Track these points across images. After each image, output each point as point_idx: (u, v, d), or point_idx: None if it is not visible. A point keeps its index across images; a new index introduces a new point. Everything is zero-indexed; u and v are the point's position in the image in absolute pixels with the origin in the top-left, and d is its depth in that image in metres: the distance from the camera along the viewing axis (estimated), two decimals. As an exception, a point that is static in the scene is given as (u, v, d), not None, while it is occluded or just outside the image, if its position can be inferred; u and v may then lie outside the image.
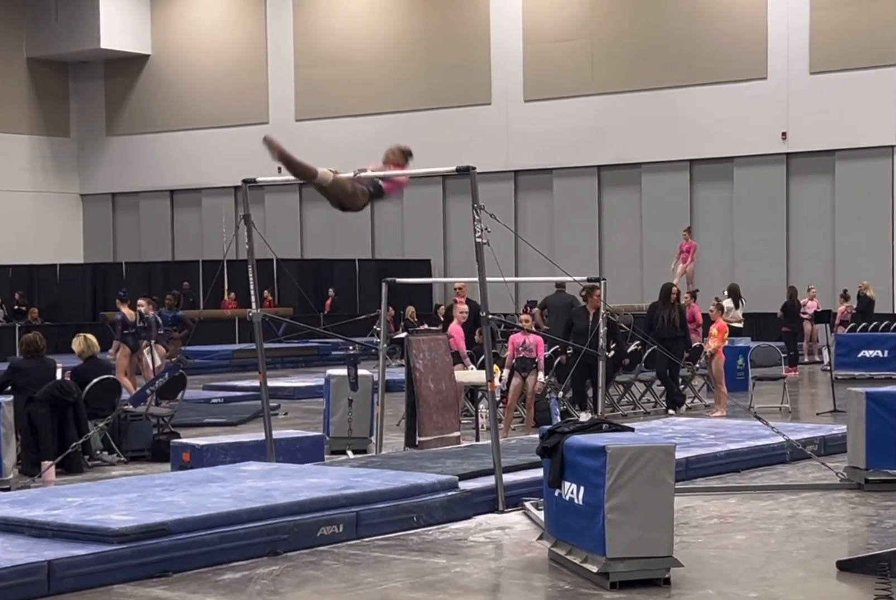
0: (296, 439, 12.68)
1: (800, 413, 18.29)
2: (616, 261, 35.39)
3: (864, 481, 11.22)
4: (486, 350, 10.89)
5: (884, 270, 31.47)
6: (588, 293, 16.48)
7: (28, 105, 44.28)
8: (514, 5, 36.79)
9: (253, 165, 37.68)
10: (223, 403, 19.65)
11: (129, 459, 13.75)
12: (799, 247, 33.32)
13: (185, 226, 43.57)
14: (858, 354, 23.49)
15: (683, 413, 17.89)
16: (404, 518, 9.64)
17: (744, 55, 33.29)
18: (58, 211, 45.10)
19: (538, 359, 15.08)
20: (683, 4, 34.27)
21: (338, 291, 36.50)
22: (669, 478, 7.92)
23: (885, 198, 31.90)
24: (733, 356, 20.61)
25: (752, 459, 12.68)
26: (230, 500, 9.14)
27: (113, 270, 37.11)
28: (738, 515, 10.24)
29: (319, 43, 39.35)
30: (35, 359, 13.28)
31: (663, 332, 18.00)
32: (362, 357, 17.64)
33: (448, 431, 13.57)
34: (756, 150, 33.34)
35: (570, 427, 8.63)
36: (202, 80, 42.68)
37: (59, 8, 42.95)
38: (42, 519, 8.54)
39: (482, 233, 10.32)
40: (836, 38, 32.14)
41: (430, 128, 37.81)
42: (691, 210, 34.63)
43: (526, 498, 10.37)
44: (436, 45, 38.18)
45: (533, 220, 36.47)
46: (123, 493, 9.54)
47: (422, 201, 38.29)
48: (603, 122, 35.29)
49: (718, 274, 32.51)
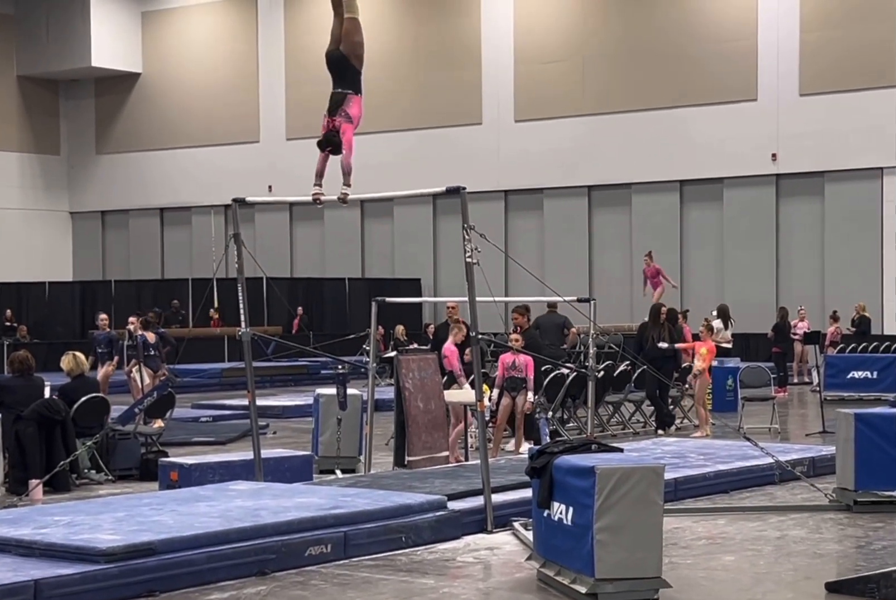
0: (284, 458, 12.64)
1: (789, 434, 18.28)
2: (606, 281, 35.41)
3: (853, 502, 11.21)
4: (475, 369, 10.88)
5: (873, 291, 31.52)
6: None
7: (18, 123, 44.28)
8: (505, 26, 36.91)
9: (243, 184, 37.97)
10: (212, 422, 19.62)
11: (117, 478, 13.70)
12: (788, 268, 33.38)
13: (174, 244, 43.54)
14: (848, 375, 23.51)
15: (673, 433, 17.89)
16: (393, 538, 9.62)
17: (734, 76, 33.41)
18: (47, 228, 45.06)
19: (528, 378, 15.07)
20: (674, 26, 34.39)
21: (322, 310, 36.49)
22: (658, 499, 7.92)
23: (874, 220, 31.98)
24: (723, 376, 20.62)
25: (741, 480, 12.67)
26: (218, 520, 9.12)
27: (102, 288, 37.06)
28: (727, 536, 10.22)
29: (310, 62, 39.39)
30: (24, 377, 13.24)
31: (653, 353, 18.00)
32: (351, 376, 17.60)
33: (437, 451, 13.54)
34: (746, 170, 33.42)
35: (560, 447, 8.62)
36: (193, 98, 42.72)
37: (50, 26, 42.99)
38: (29, 538, 8.51)
39: (472, 254, 10.32)
40: (826, 60, 32.27)
41: (421, 147, 37.90)
42: (681, 230, 34.70)
43: (515, 519, 10.35)
44: (427, 64, 38.28)
45: (523, 240, 36.50)
46: (111, 512, 9.50)
47: (412, 220, 38.35)
48: (593, 142, 35.37)
49: (708, 294, 32.58)
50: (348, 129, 10.32)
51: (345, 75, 10.42)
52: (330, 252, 40.10)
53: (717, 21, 33.82)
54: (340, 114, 10.31)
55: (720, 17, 33.77)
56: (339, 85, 10.44)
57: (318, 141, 10.42)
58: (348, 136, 10.31)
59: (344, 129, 10.30)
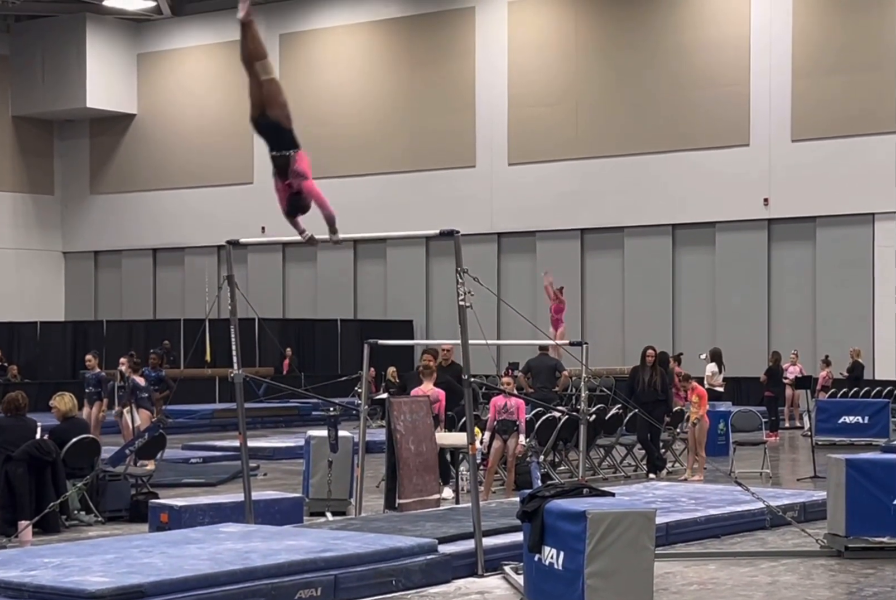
0: (275, 500, 12.61)
1: (780, 478, 18.26)
2: (598, 325, 35.45)
3: (845, 548, 11.19)
4: (467, 412, 10.88)
5: (864, 336, 31.56)
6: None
7: (12, 162, 44.39)
8: (499, 69, 37.11)
9: (236, 225, 38.05)
10: (202, 463, 19.55)
11: (107, 520, 13.65)
12: (780, 312, 33.43)
13: (167, 284, 43.56)
14: (839, 420, 23.49)
15: (664, 477, 17.85)
16: (383, 581, 9.58)
17: (727, 122, 33.58)
18: (40, 268, 45.09)
19: (519, 421, 15.06)
20: (668, 71, 34.59)
21: (314, 351, 36.45)
22: (649, 544, 7.91)
23: (866, 265, 32.06)
24: (714, 420, 20.59)
25: (732, 525, 12.64)
26: (208, 562, 9.08)
27: (93, 328, 37.00)
28: (718, 581, 10.20)
29: (305, 104, 39.52)
30: (15, 417, 13.20)
31: (644, 396, 18.01)
32: (343, 418, 17.57)
33: (428, 494, 13.51)
34: (738, 215, 33.53)
35: (551, 491, 8.61)
36: (187, 139, 42.86)
37: (46, 66, 43.18)
38: (18, 580, 8.46)
39: (465, 297, 10.35)
40: (818, 106, 32.46)
41: (415, 190, 38.02)
42: (673, 274, 34.77)
43: (506, 563, 10.32)
44: (421, 107, 38.45)
45: (516, 282, 36.55)
46: (101, 554, 9.46)
47: (405, 262, 38.42)
48: (586, 185, 35.50)
49: (699, 338, 32.58)
50: (311, 185, 9.88)
51: (280, 138, 9.93)
52: (322, 293, 40.14)
53: (710, 66, 34.03)
54: (293, 174, 9.82)
55: (713, 62, 33.99)
56: (276, 148, 9.92)
57: (286, 211, 10.00)
58: (315, 191, 9.87)
59: (307, 188, 9.86)
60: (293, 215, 10.03)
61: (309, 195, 9.85)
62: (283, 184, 9.88)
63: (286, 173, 9.83)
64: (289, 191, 9.86)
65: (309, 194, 9.84)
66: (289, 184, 9.84)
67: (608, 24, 35.64)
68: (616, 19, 35.51)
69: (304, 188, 9.82)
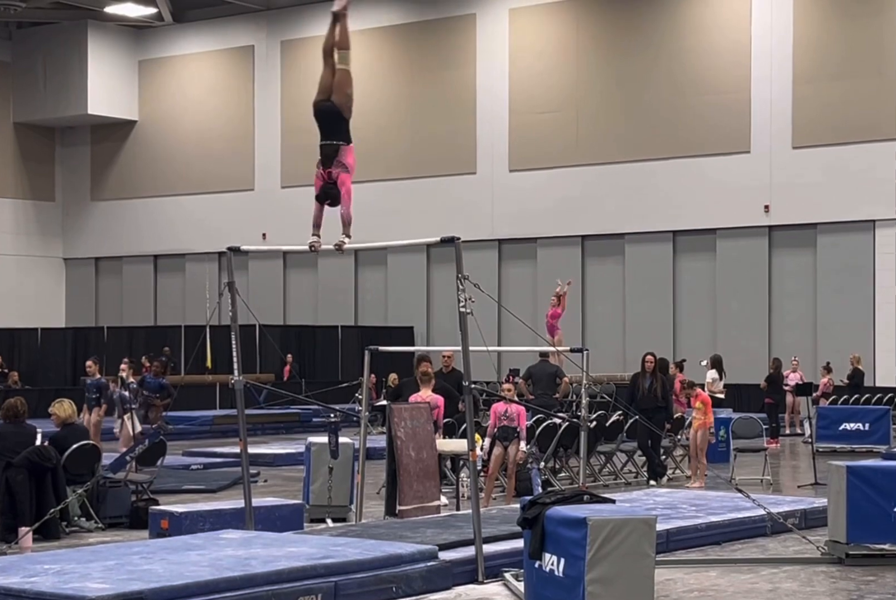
0: (275, 507, 12.61)
1: (781, 485, 18.25)
2: (599, 331, 35.44)
3: (845, 555, 11.18)
4: (468, 419, 10.88)
5: (865, 343, 31.55)
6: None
7: (13, 169, 44.41)
8: (500, 76, 37.14)
9: (238, 231, 38.08)
10: (203, 470, 19.55)
11: (107, 526, 13.63)
12: (781, 319, 33.42)
13: (167, 291, 43.57)
14: (840, 427, 23.48)
15: (664, 484, 17.84)
16: (383, 588, 9.56)
17: (728, 129, 33.59)
18: (40, 275, 45.09)
19: (520, 428, 15.06)
20: (668, 78, 34.61)
21: (314, 357, 36.43)
22: (650, 551, 7.90)
23: (867, 272, 32.06)
24: (715, 427, 20.59)
25: (732, 531, 12.62)
26: (208, 569, 9.07)
27: (94, 335, 37.01)
28: (719, 588, 10.18)
29: (306, 110, 39.18)
30: (14, 424, 13.19)
31: (644, 403, 18.00)
32: (343, 424, 17.57)
33: (428, 500, 13.49)
34: (739, 222, 33.54)
35: (552, 498, 8.61)
36: (188, 146, 42.89)
37: (48, 73, 43.21)
38: (18, 587, 8.44)
39: (466, 304, 10.35)
40: (819, 112, 32.48)
41: (416, 196, 38.04)
42: (674, 280, 34.77)
43: (506, 569, 10.30)
44: (422, 114, 38.48)
45: (517, 289, 36.54)
46: (101, 561, 9.44)
47: (405, 269, 38.43)
48: (587, 192, 35.51)
49: (700, 344, 32.59)
50: (347, 179, 10.23)
51: (335, 126, 10.31)
52: (323, 300, 40.14)
53: (711, 73, 34.05)
54: (336, 165, 10.22)
55: (714, 69, 34.00)
56: (329, 136, 10.30)
57: (317, 195, 10.33)
58: (347, 186, 10.23)
59: (342, 179, 10.21)
60: (322, 201, 10.35)
61: (340, 186, 10.20)
62: (324, 172, 10.27)
63: (331, 162, 10.22)
64: (326, 179, 10.23)
65: (341, 186, 10.20)
66: (329, 172, 10.22)
67: (609, 32, 35.66)
68: (617, 26, 35.54)
69: (341, 178, 10.19)
